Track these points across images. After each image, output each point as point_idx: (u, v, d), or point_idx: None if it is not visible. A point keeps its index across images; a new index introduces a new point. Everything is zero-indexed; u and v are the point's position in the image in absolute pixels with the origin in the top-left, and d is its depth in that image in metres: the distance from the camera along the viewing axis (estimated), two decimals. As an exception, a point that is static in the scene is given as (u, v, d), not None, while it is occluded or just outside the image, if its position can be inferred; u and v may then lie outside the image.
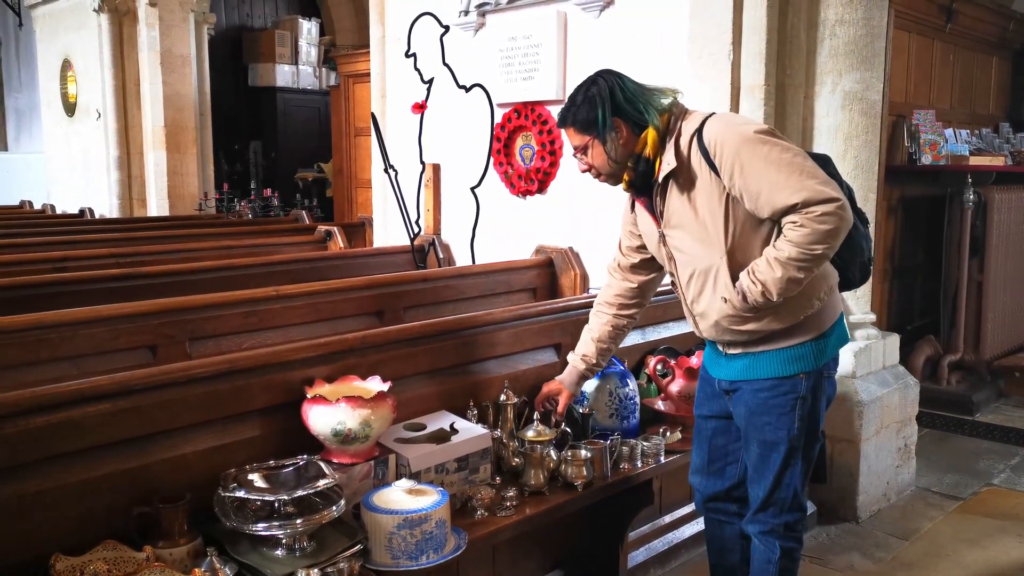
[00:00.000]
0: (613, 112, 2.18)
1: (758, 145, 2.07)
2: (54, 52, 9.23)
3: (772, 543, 2.33)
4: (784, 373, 2.22)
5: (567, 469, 2.51)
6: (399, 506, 2.02)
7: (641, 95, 2.21)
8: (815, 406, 2.26)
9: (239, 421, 2.16)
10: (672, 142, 2.18)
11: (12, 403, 1.81)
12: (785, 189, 2.03)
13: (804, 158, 2.08)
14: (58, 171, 9.49)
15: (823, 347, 2.24)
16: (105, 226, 6.12)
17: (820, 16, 3.56)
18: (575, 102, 2.24)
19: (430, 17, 4.47)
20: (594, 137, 2.22)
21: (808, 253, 2.03)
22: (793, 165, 2.05)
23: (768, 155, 2.06)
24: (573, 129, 2.26)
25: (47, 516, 1.82)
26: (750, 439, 2.31)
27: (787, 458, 2.26)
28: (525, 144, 4.51)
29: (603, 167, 2.25)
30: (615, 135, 2.19)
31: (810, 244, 2.02)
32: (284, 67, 10.21)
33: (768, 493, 2.31)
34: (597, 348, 2.56)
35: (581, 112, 2.22)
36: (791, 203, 2.03)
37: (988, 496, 3.93)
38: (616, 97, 2.19)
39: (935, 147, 5.17)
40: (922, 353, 5.22)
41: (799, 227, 2.03)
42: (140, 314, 2.84)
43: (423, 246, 4.79)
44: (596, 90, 2.21)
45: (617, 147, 2.21)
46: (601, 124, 2.19)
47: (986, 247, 5.21)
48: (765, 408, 2.25)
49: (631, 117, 2.18)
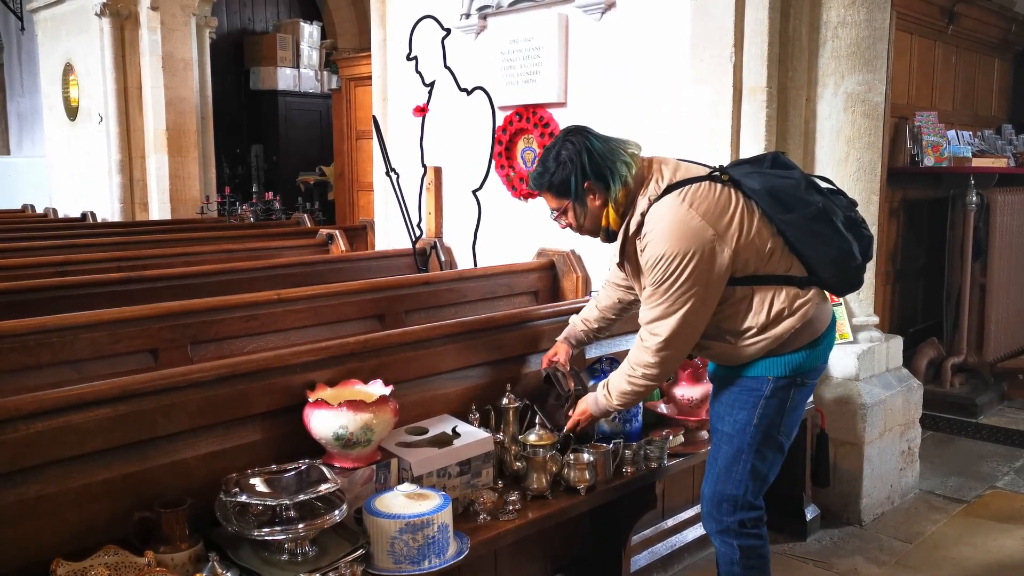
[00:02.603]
0: (584, 177, 2.26)
1: (660, 282, 2.19)
2: (56, 56, 9.24)
3: (730, 543, 2.36)
4: (754, 373, 2.29)
5: (570, 473, 2.50)
6: (401, 510, 2.01)
7: (608, 156, 2.26)
8: (780, 410, 2.29)
9: (240, 425, 2.16)
10: (624, 224, 2.28)
11: (13, 408, 1.80)
12: (644, 312, 2.27)
13: (686, 303, 2.18)
14: (60, 175, 9.50)
15: (797, 360, 2.27)
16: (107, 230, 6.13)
17: (822, 18, 3.56)
18: (547, 167, 2.30)
19: (431, 20, 4.47)
20: (569, 201, 2.30)
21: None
22: (667, 305, 2.20)
23: (664, 283, 2.18)
24: (550, 194, 2.33)
25: (48, 521, 1.82)
26: (712, 428, 2.43)
27: (737, 452, 2.31)
28: (527, 147, 4.51)
29: (581, 226, 2.36)
30: (590, 198, 2.28)
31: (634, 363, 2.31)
32: (286, 70, 10.22)
33: (713, 485, 2.36)
34: (600, 314, 2.68)
35: (556, 177, 2.28)
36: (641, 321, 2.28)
37: (992, 499, 3.92)
38: (585, 162, 2.25)
39: (937, 149, 5.16)
40: (925, 356, 5.21)
41: (637, 348, 2.30)
42: (141, 318, 2.84)
43: (425, 249, 4.79)
44: (567, 155, 2.27)
45: (591, 209, 2.30)
46: (575, 190, 2.27)
47: (989, 249, 5.20)
48: (729, 400, 2.34)
49: (602, 183, 2.26)
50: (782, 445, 2.35)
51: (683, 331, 2.21)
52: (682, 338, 2.23)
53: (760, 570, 2.39)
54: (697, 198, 2.19)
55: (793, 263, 2.26)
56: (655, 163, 2.30)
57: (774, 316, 2.23)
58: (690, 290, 2.16)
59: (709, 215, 2.17)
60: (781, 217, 2.22)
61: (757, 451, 2.30)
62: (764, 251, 2.22)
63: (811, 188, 2.28)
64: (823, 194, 2.29)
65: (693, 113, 3.70)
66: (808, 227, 2.23)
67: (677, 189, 2.21)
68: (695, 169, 2.30)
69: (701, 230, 2.16)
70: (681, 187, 2.21)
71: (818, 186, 2.31)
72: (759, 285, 2.23)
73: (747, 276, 2.21)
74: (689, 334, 2.23)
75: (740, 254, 2.19)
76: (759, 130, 3.53)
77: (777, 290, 2.23)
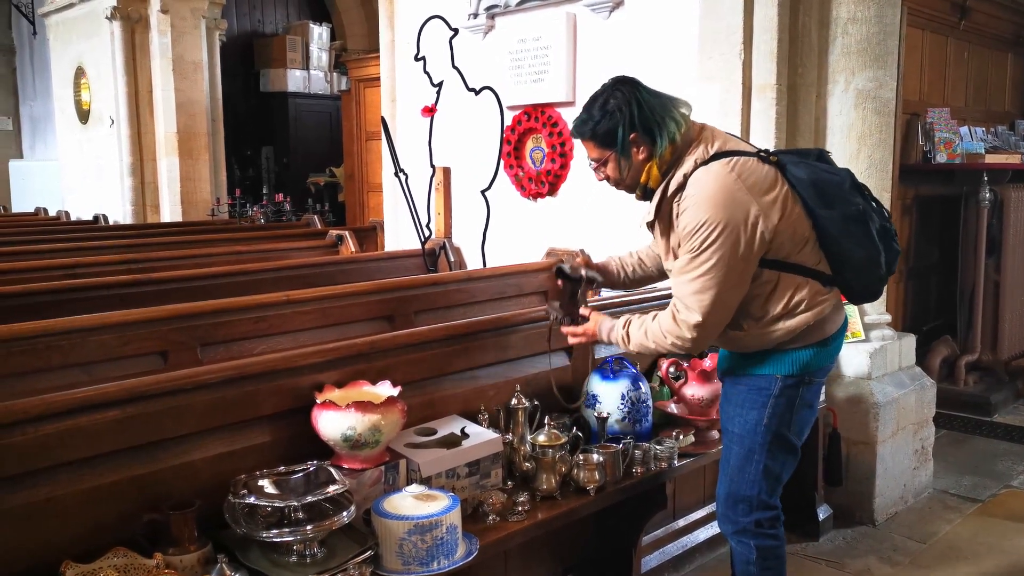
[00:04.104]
0: (631, 129, 2.18)
1: (697, 250, 2.13)
2: (67, 60, 9.30)
3: (747, 543, 2.34)
4: (762, 371, 2.26)
5: (579, 473, 2.49)
6: (410, 512, 2.00)
7: (658, 111, 2.20)
8: (789, 409, 2.27)
9: (248, 427, 2.15)
10: (664, 183, 2.21)
11: (22, 410, 1.80)
12: (680, 284, 2.19)
13: (723, 277, 2.12)
14: (72, 178, 9.55)
15: (805, 357, 2.24)
16: (118, 232, 6.16)
17: (832, 14, 3.54)
18: (592, 115, 2.23)
19: (439, 20, 4.47)
20: (613, 152, 2.23)
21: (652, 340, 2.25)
22: (706, 278, 2.13)
23: (702, 254, 2.12)
24: (592, 143, 2.26)
25: (57, 523, 1.82)
26: (723, 430, 2.39)
27: (748, 452, 2.29)
28: (535, 146, 4.50)
29: (621, 180, 2.28)
30: (634, 151, 2.21)
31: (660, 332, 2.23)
32: (295, 72, 10.25)
33: (727, 486, 2.34)
34: (636, 258, 2.61)
35: (601, 126, 2.21)
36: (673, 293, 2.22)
37: (1007, 498, 3.88)
38: (634, 113, 2.18)
39: (950, 145, 5.12)
40: (938, 354, 5.17)
41: (668, 314, 2.21)
42: (151, 320, 2.84)
43: (434, 250, 4.78)
44: (615, 104, 2.20)
45: (635, 163, 2.22)
46: (621, 141, 2.20)
47: (1003, 246, 5.15)
48: (738, 400, 2.31)
49: (648, 137, 2.19)
50: (794, 444, 2.33)
51: (719, 306, 2.14)
52: (718, 313, 2.16)
53: (776, 571, 2.37)
54: (745, 171, 2.15)
55: (821, 259, 2.24)
56: (706, 129, 2.26)
57: (792, 307, 2.20)
58: (728, 263, 2.10)
59: (755, 190, 2.13)
60: (821, 211, 2.19)
61: (768, 451, 2.28)
62: (799, 239, 2.19)
63: (855, 189, 2.26)
64: (865, 197, 2.27)
65: (702, 111, 3.65)
66: (844, 226, 2.20)
67: (726, 158, 2.17)
68: (744, 145, 2.28)
69: (746, 202, 2.11)
70: (730, 156, 2.17)
71: (862, 189, 2.29)
72: (786, 272, 2.20)
73: (778, 260, 2.18)
74: (725, 309, 2.17)
75: (778, 235, 2.15)
76: (769, 128, 3.50)
77: (801, 282, 2.21)
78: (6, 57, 11.82)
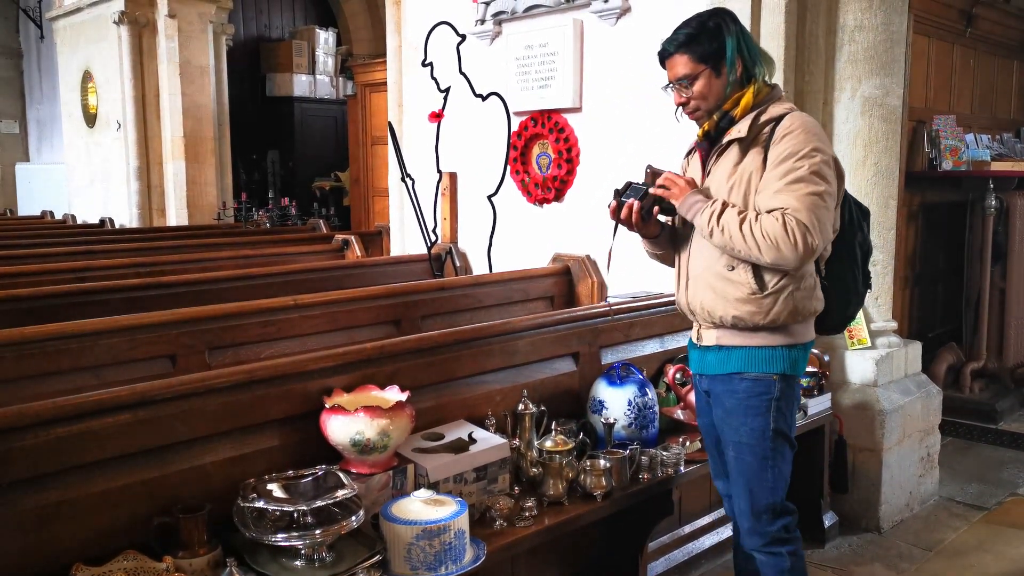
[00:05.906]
0: (738, 51, 2.18)
1: (807, 171, 2.08)
2: (75, 64, 9.33)
3: (779, 552, 2.30)
4: (756, 371, 2.21)
5: (586, 479, 2.50)
6: (418, 516, 2.01)
7: (756, 48, 2.22)
8: (789, 408, 2.27)
9: (258, 431, 2.17)
10: (753, 114, 2.18)
11: (33, 414, 1.82)
12: (788, 196, 2.08)
13: (828, 207, 2.11)
14: (79, 182, 9.59)
15: (796, 357, 2.24)
16: (125, 236, 6.17)
17: (839, 22, 3.54)
18: (694, 29, 2.21)
19: (446, 26, 4.49)
20: (710, 69, 2.20)
21: (757, 241, 2.07)
22: (817, 197, 2.07)
23: (805, 183, 2.07)
24: (688, 56, 2.21)
25: (68, 526, 1.83)
26: (727, 441, 2.32)
27: (763, 460, 2.26)
28: (542, 152, 4.51)
29: (706, 101, 2.23)
30: (729, 73, 2.19)
31: (765, 236, 2.06)
32: (301, 77, 10.28)
33: (748, 498, 2.29)
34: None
35: (704, 40, 2.19)
36: (773, 207, 2.09)
37: (1013, 506, 3.88)
38: (741, 39, 2.19)
39: (956, 152, 5.12)
40: (944, 361, 5.16)
41: (775, 220, 2.06)
42: (160, 324, 2.86)
43: (440, 255, 4.79)
44: (722, 23, 2.20)
45: (724, 85, 2.20)
46: (728, 57, 2.17)
47: (1008, 253, 5.15)
48: (740, 409, 2.25)
49: (750, 63, 2.20)
50: (793, 440, 2.33)
51: (825, 228, 2.10)
52: (824, 234, 2.11)
53: (803, 571, 2.34)
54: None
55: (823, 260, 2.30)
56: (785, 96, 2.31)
57: (804, 287, 2.19)
58: (828, 190, 2.10)
59: None
60: (860, 223, 2.33)
61: (780, 454, 2.27)
62: (834, 228, 2.24)
63: (864, 220, 2.37)
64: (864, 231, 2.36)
65: (709, 118, 3.68)
66: (851, 247, 2.30)
67: None
68: None
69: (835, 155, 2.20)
70: None
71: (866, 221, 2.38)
72: None
73: None
74: (825, 236, 2.12)
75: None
76: (775, 134, 3.51)
77: (814, 271, 2.24)
78: (13, 61, 11.87)
